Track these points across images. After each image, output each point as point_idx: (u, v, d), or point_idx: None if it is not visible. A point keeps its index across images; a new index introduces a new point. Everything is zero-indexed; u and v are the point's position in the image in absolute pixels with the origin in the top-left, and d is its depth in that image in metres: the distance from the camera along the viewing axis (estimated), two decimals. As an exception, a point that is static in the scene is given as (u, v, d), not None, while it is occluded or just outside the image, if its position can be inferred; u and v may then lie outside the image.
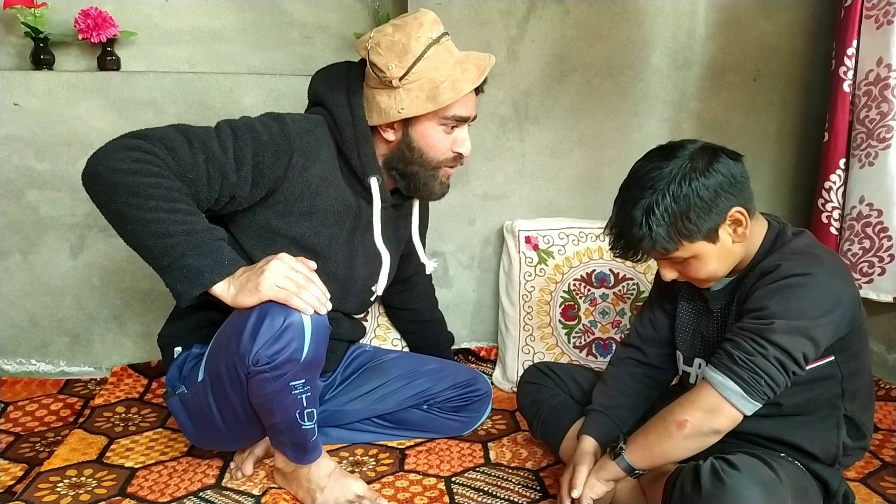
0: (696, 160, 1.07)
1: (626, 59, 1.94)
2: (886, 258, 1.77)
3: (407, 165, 1.34)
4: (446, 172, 1.37)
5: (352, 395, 1.52)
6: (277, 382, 1.11)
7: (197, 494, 1.29)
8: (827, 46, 1.90)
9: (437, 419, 1.54)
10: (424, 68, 1.26)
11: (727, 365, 1.03)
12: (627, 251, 1.11)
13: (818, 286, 1.04)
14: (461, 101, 1.30)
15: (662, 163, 1.07)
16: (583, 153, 1.99)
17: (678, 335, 1.28)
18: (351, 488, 1.25)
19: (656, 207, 1.05)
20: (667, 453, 1.09)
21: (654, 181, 1.06)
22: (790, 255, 1.09)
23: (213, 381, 1.19)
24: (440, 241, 2.00)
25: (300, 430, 1.18)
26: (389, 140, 1.33)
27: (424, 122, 1.30)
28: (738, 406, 1.02)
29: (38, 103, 1.75)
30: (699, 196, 1.05)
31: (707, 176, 1.05)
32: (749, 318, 1.06)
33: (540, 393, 1.43)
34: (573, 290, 1.88)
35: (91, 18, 1.76)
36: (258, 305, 1.10)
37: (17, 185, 1.78)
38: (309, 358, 1.12)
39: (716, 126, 2.03)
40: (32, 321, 1.87)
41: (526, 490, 1.33)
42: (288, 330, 1.08)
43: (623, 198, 1.11)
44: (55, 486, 1.30)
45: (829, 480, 1.13)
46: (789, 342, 1.01)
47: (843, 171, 1.84)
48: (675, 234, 1.07)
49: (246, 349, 1.08)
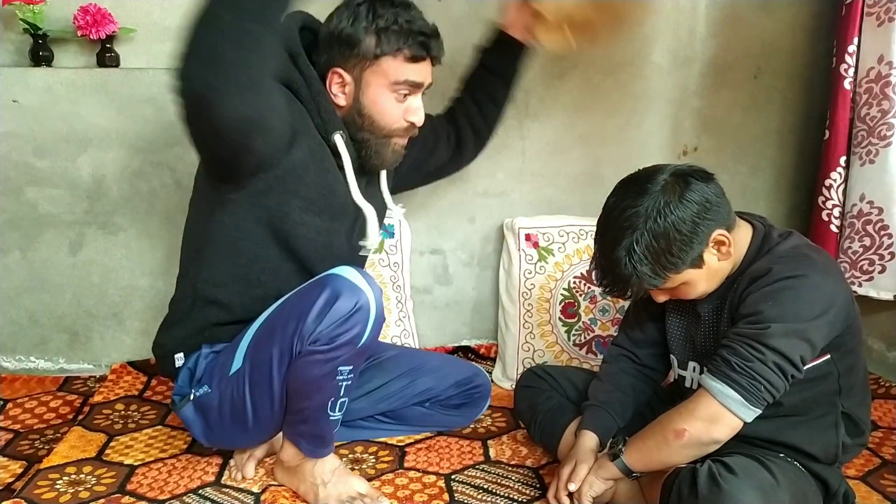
0: (668, 193, 1.06)
1: (626, 57, 1.94)
2: (887, 256, 1.77)
3: (358, 132, 1.31)
4: (399, 142, 1.34)
5: (356, 392, 1.50)
6: (328, 364, 1.12)
7: (196, 492, 1.28)
8: (828, 44, 1.90)
9: (438, 416, 1.54)
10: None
11: (725, 372, 1.03)
12: (616, 291, 1.12)
13: (811, 287, 1.04)
14: (413, 69, 1.27)
15: (636, 200, 1.06)
16: (583, 151, 1.99)
17: (670, 341, 1.28)
18: (353, 486, 1.25)
19: (636, 246, 1.05)
20: (665, 460, 1.09)
21: (630, 220, 1.06)
22: (780, 259, 1.08)
23: (255, 368, 1.18)
24: (440, 239, 2.00)
25: (326, 420, 1.19)
26: (340, 105, 1.30)
27: (375, 88, 1.27)
28: (738, 413, 1.02)
29: (37, 100, 1.75)
30: (678, 230, 1.05)
31: (681, 208, 1.05)
32: (744, 323, 1.05)
33: (536, 397, 1.43)
34: (573, 287, 1.88)
35: (90, 15, 1.76)
36: (328, 287, 1.11)
37: (16, 182, 1.78)
38: (366, 345, 1.14)
39: (716, 123, 2.03)
40: (31, 318, 1.87)
41: (525, 488, 1.33)
42: (357, 313, 1.10)
43: (603, 238, 1.11)
44: (54, 483, 1.30)
45: (829, 480, 1.13)
46: (787, 346, 1.00)
47: (844, 169, 1.83)
48: (661, 269, 1.07)
49: (310, 328, 1.10)
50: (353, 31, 1.24)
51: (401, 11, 1.24)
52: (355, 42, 1.24)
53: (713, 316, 1.17)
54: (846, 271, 1.87)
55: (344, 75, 1.27)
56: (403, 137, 1.35)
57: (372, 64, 1.25)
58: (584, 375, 1.45)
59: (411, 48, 1.24)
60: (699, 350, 1.21)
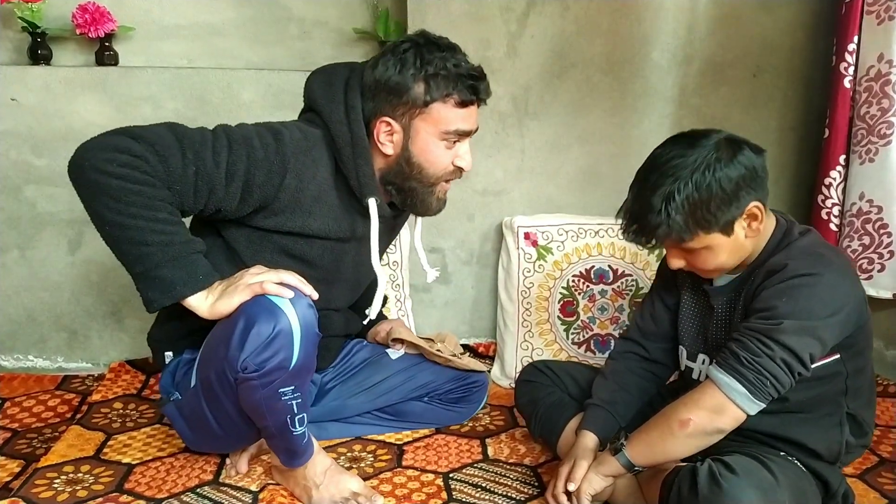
0: (721, 150, 1.05)
1: (625, 55, 1.94)
2: (886, 255, 1.77)
3: (405, 181, 1.29)
4: (443, 188, 1.33)
5: (354, 389, 1.51)
6: (267, 389, 1.09)
7: (194, 490, 1.28)
8: (828, 42, 1.89)
9: (437, 410, 1.54)
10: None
11: (733, 365, 1.03)
12: (640, 236, 1.10)
13: (826, 286, 1.04)
14: (463, 115, 1.25)
15: (686, 150, 1.06)
16: (582, 149, 1.99)
17: (681, 330, 1.28)
18: (347, 485, 1.25)
19: (677, 195, 1.03)
20: (668, 451, 1.09)
21: (676, 168, 1.04)
22: (797, 255, 1.08)
23: (204, 387, 1.17)
24: (439, 238, 2.00)
25: (291, 436, 1.17)
26: (388, 154, 1.27)
27: (425, 136, 1.25)
28: (742, 406, 1.02)
29: (36, 98, 1.75)
30: (721, 187, 1.04)
31: (730, 167, 1.04)
32: (756, 317, 1.05)
33: (537, 391, 1.43)
34: (572, 286, 1.88)
35: (89, 13, 1.76)
36: (244, 312, 1.08)
37: (14, 181, 1.78)
38: (298, 365, 1.10)
39: (716, 122, 2.02)
40: (30, 317, 1.87)
41: (524, 486, 1.33)
42: (277, 338, 1.06)
43: (641, 183, 1.09)
44: (52, 482, 1.30)
45: (829, 479, 1.13)
46: (797, 343, 1.01)
47: (844, 168, 1.83)
48: (693, 224, 1.05)
49: (234, 356, 1.06)
50: (401, 79, 1.21)
51: (448, 56, 1.22)
52: (404, 90, 1.21)
53: (727, 308, 1.17)
54: (846, 270, 1.87)
55: (392, 124, 1.24)
56: (448, 182, 1.33)
57: (422, 112, 1.23)
58: (585, 372, 1.45)
59: (461, 93, 1.22)
60: (710, 343, 1.21)
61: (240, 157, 1.14)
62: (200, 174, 1.11)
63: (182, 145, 1.10)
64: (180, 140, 1.11)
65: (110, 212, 1.05)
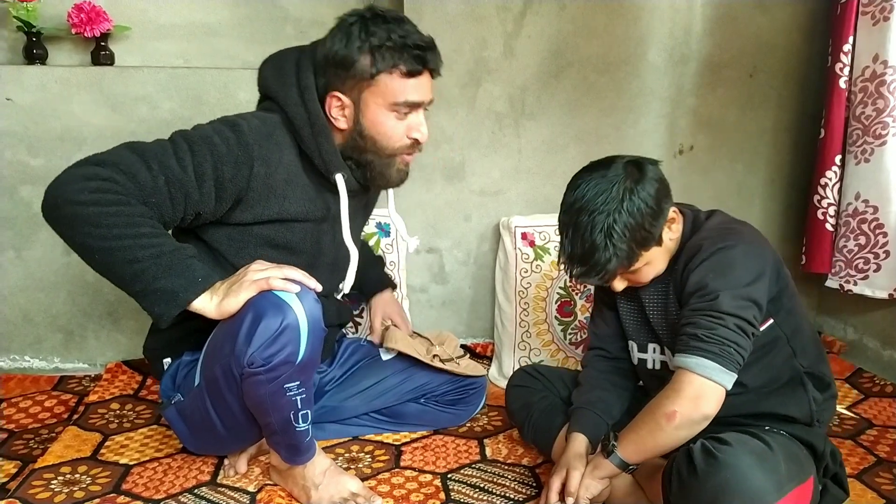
0: (630, 173, 1.13)
1: (622, 55, 1.94)
2: (882, 254, 1.77)
3: (361, 154, 1.30)
4: (403, 159, 1.32)
5: (350, 391, 1.51)
6: (272, 384, 1.10)
7: (192, 491, 1.28)
8: (823, 43, 1.90)
9: (434, 412, 1.54)
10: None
11: (695, 346, 1.07)
12: (591, 276, 1.15)
13: (742, 254, 1.11)
14: (411, 86, 1.24)
15: (601, 183, 1.12)
16: (579, 149, 1.99)
17: (626, 327, 1.32)
18: (346, 486, 1.25)
19: (616, 226, 1.10)
20: (660, 446, 1.11)
21: (603, 203, 1.10)
22: (709, 234, 1.16)
23: (209, 385, 1.18)
24: (436, 238, 2.00)
25: (294, 432, 1.17)
26: (342, 129, 1.28)
27: (375, 108, 1.25)
28: (719, 381, 1.05)
29: (31, 98, 1.74)
30: (647, 205, 1.11)
31: (646, 185, 1.12)
32: (694, 298, 1.11)
33: (530, 396, 1.43)
34: (569, 286, 1.88)
35: (84, 13, 1.75)
36: (252, 307, 1.08)
37: (10, 181, 1.77)
38: (305, 360, 1.10)
39: (712, 122, 2.03)
40: (26, 317, 1.86)
41: (522, 486, 1.33)
42: (285, 332, 1.07)
43: (573, 227, 1.13)
44: (49, 483, 1.29)
45: (814, 442, 1.15)
46: (738, 308, 1.07)
47: (839, 168, 1.84)
48: (637, 247, 1.12)
49: (241, 351, 1.07)
50: (348, 52, 1.21)
51: (394, 27, 1.22)
52: (350, 63, 1.22)
53: (657, 295, 1.24)
54: (841, 270, 1.88)
55: (342, 98, 1.25)
56: (409, 155, 1.33)
57: (369, 84, 1.23)
58: (575, 376, 1.45)
59: (407, 63, 1.22)
60: (655, 331, 1.25)
61: (204, 156, 1.15)
62: (171, 182, 1.11)
63: (145, 159, 1.10)
64: (141, 155, 1.11)
65: (94, 239, 1.05)
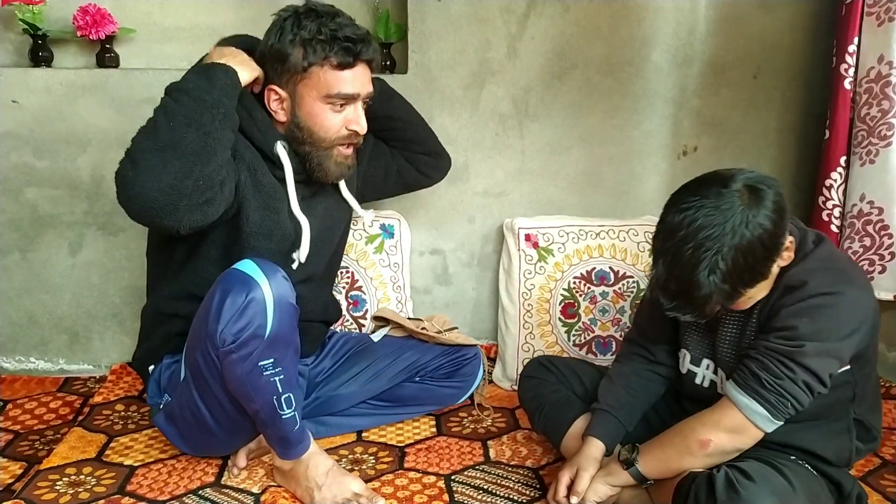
0: (747, 202, 0.98)
1: (626, 56, 1.94)
2: (887, 256, 1.77)
3: (300, 146, 1.32)
4: (341, 152, 1.34)
5: (343, 378, 1.53)
6: (246, 362, 1.11)
7: (196, 493, 1.28)
8: (828, 43, 1.89)
9: (431, 388, 1.55)
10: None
11: (754, 388, 1.03)
12: (686, 312, 1.05)
13: (847, 305, 1.02)
14: (344, 78, 1.27)
15: (714, 214, 0.97)
16: (583, 150, 1.99)
17: (685, 334, 1.26)
18: (349, 486, 1.25)
19: (722, 264, 0.97)
20: (685, 468, 1.10)
21: (710, 239, 0.97)
22: (816, 270, 1.05)
23: (194, 376, 1.19)
24: (440, 239, 2.00)
25: (281, 420, 1.18)
26: (282, 121, 1.31)
27: (309, 101, 1.27)
28: (761, 427, 1.04)
29: (37, 100, 1.75)
30: (762, 244, 0.98)
31: (763, 219, 0.98)
32: (776, 337, 1.03)
33: (542, 387, 1.42)
34: (573, 287, 1.88)
35: (90, 15, 1.76)
36: (219, 285, 1.12)
37: (15, 183, 1.78)
38: (273, 334, 1.12)
39: (716, 123, 2.03)
40: (31, 319, 1.87)
41: (525, 488, 1.33)
42: (250, 306, 1.09)
43: (675, 258, 1.00)
44: (54, 484, 1.30)
45: (842, 482, 1.13)
46: (818, 365, 1.01)
47: (844, 169, 1.83)
48: (741, 286, 1.01)
49: (213, 329, 1.09)
50: (281, 46, 1.25)
51: (325, 21, 1.24)
52: (284, 56, 1.25)
53: (739, 318, 1.15)
54: (846, 271, 1.87)
55: (279, 91, 1.28)
56: (347, 147, 1.34)
57: (303, 77, 1.26)
58: (590, 371, 1.44)
59: (338, 55, 1.24)
60: (719, 349, 1.19)
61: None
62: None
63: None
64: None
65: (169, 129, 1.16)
